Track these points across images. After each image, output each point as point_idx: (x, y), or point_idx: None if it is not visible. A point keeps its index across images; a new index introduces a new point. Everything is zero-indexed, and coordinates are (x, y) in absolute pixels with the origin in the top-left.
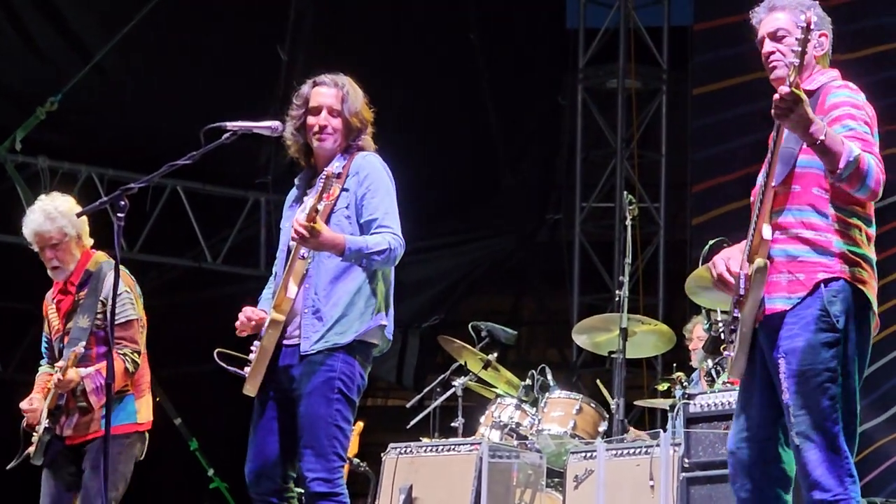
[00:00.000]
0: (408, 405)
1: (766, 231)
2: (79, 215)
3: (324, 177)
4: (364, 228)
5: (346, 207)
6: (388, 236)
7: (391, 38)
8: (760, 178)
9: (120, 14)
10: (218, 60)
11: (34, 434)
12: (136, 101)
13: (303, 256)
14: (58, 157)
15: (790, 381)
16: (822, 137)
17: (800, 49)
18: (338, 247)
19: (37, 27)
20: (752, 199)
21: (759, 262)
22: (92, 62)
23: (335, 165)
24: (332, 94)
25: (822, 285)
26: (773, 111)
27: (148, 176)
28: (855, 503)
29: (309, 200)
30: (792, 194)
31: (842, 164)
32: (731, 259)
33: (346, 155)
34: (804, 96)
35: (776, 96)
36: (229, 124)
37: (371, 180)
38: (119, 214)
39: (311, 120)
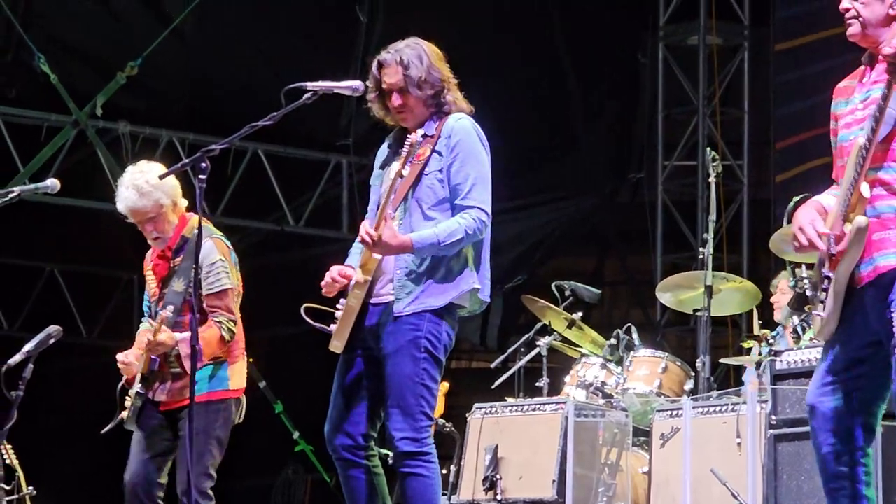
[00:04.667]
0: (492, 366)
1: (865, 189)
2: (161, 177)
3: (408, 143)
4: (452, 193)
5: (440, 171)
6: (467, 218)
7: None
8: (859, 138)
9: None
10: (297, 23)
11: (127, 398)
12: (216, 64)
13: (392, 216)
14: (138, 121)
15: None
16: None
17: None
18: (406, 249)
19: None
20: (836, 155)
21: (860, 220)
22: (171, 26)
23: (421, 132)
24: (395, 74)
25: None
26: (886, 70)
27: (229, 138)
28: None
29: (394, 166)
30: (891, 151)
31: None
32: (815, 220)
33: (437, 117)
34: None
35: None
36: (310, 84)
37: (461, 147)
38: (200, 177)
39: (388, 102)
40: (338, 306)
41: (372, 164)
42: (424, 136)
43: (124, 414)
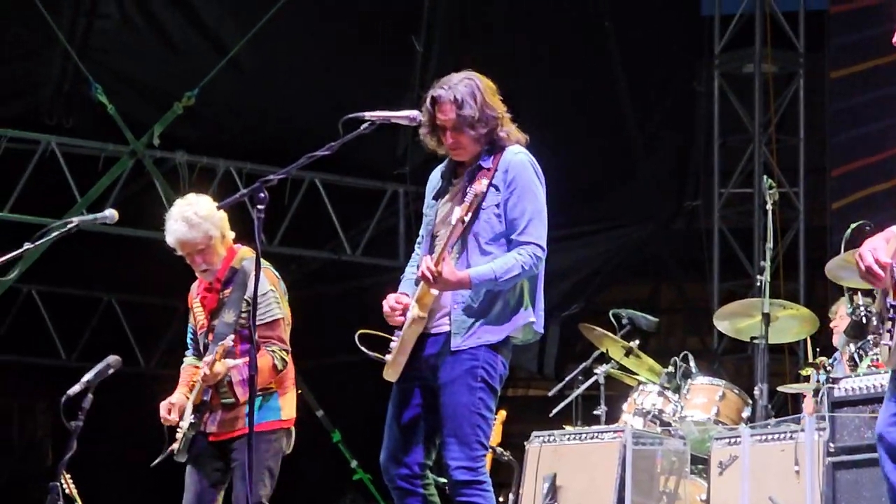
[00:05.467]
0: (549, 394)
1: None
2: (219, 208)
3: (473, 193)
4: (508, 228)
5: (497, 206)
6: (524, 254)
7: (525, 27)
8: None
9: (255, 7)
10: (353, 52)
11: (178, 430)
12: (273, 93)
13: (450, 251)
14: (195, 151)
15: None
16: None
17: None
18: (464, 285)
19: (172, 23)
20: None
21: None
22: (228, 56)
23: (486, 182)
24: (449, 111)
25: None
26: None
27: (286, 167)
28: None
29: (456, 211)
30: None
31: None
32: (877, 249)
33: (493, 150)
34: None
35: None
36: (368, 114)
37: (517, 182)
38: (259, 207)
39: (442, 138)
40: (393, 338)
41: None
42: (480, 167)
43: (175, 446)
